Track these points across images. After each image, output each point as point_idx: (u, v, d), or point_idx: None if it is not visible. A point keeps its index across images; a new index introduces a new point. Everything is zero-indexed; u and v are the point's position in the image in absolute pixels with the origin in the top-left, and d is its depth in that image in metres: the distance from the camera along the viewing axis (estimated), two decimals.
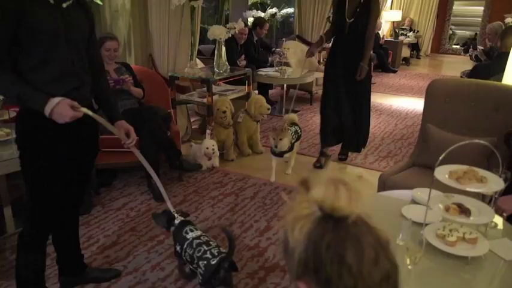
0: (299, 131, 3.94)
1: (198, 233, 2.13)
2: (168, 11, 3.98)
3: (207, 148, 3.70)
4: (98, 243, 2.65)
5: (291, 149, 3.70)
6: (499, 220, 1.90)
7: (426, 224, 1.69)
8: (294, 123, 3.87)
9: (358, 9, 3.57)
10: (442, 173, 1.70)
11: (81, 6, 1.77)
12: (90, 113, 1.68)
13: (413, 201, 2.05)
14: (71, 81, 1.71)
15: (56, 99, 1.58)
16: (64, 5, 1.66)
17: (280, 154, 3.66)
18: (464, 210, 1.70)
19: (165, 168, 3.54)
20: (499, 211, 1.88)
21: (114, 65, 3.40)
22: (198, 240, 2.06)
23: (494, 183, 1.68)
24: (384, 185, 2.60)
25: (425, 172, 2.55)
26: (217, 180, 3.63)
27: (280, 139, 3.54)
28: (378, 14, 3.74)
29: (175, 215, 2.23)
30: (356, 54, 3.64)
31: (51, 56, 1.63)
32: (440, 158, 1.50)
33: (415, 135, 4.90)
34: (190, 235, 2.10)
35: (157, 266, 2.45)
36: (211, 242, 2.06)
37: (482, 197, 2.08)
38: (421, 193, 2.03)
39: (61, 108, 1.57)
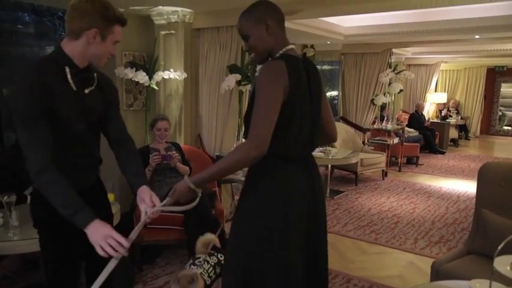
0: (221, 259, 2.49)
1: None
2: (218, 95, 4.23)
3: None
4: None
5: None
6: None
7: None
8: (214, 249, 2.58)
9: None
10: (502, 264, 1.57)
11: (100, 87, 1.75)
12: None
13: None
14: (72, 155, 1.68)
15: (106, 227, 1.54)
16: (86, 91, 1.68)
17: None
18: None
19: None
20: None
21: (165, 144, 3.58)
22: None
23: None
24: (438, 273, 2.43)
25: (483, 261, 2.38)
26: None
27: None
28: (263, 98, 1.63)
29: None
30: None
31: (60, 134, 1.61)
32: (500, 247, 1.41)
33: (469, 219, 4.64)
34: None
35: None
36: None
37: None
38: (480, 285, 1.86)
39: (98, 231, 1.51)
